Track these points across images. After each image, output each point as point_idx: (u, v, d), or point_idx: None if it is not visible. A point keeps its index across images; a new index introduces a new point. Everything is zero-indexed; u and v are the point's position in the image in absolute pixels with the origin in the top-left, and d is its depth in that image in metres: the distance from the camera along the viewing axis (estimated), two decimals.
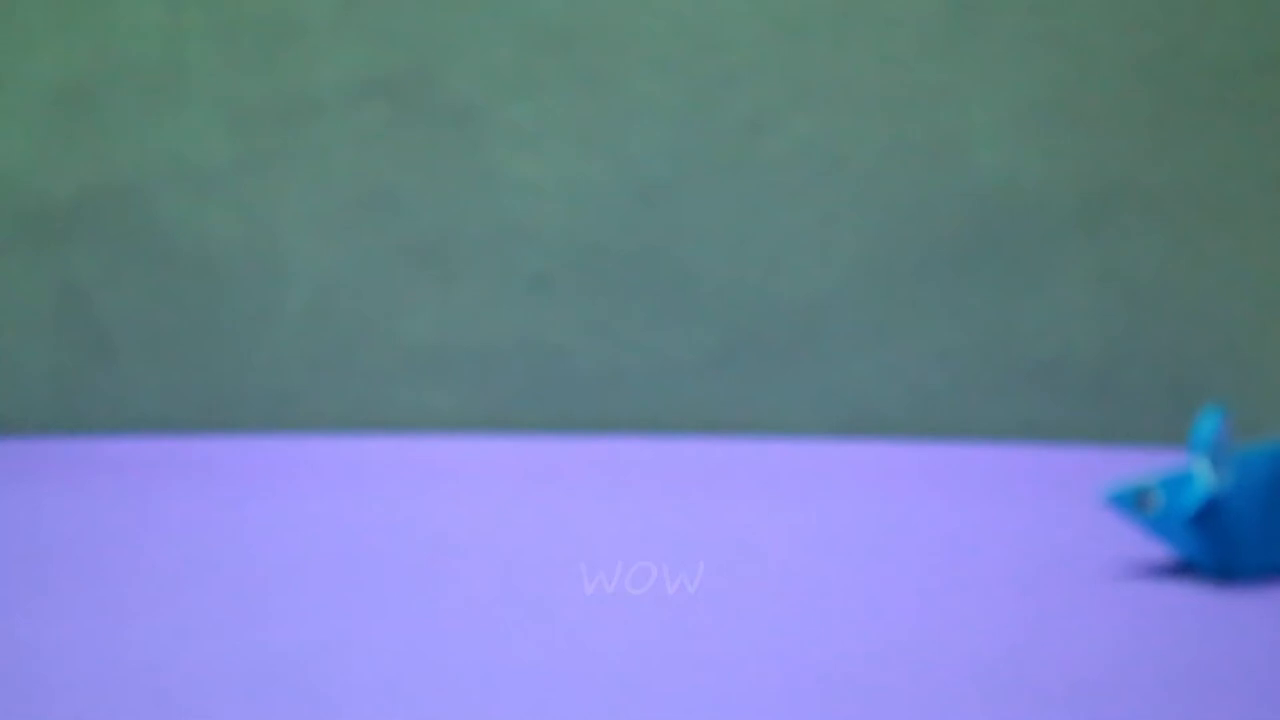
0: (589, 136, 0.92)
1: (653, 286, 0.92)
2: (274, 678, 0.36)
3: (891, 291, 0.91)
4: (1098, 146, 0.89)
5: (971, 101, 0.90)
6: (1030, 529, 0.57)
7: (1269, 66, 0.88)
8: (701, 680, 0.36)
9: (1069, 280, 0.89)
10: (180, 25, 0.94)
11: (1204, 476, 0.49)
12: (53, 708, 0.33)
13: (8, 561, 0.49)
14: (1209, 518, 0.48)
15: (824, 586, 0.46)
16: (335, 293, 0.94)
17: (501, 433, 0.93)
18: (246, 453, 0.82)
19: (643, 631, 0.40)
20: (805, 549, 0.52)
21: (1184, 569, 0.49)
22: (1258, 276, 0.89)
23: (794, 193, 0.91)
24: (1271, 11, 0.88)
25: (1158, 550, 0.53)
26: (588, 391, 0.93)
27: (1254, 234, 0.89)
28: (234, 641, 0.39)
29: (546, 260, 0.93)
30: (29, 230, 0.95)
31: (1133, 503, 0.50)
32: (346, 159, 0.93)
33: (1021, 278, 0.90)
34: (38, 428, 0.95)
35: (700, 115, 0.91)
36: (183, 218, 0.94)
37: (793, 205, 0.91)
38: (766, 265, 0.91)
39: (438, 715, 0.33)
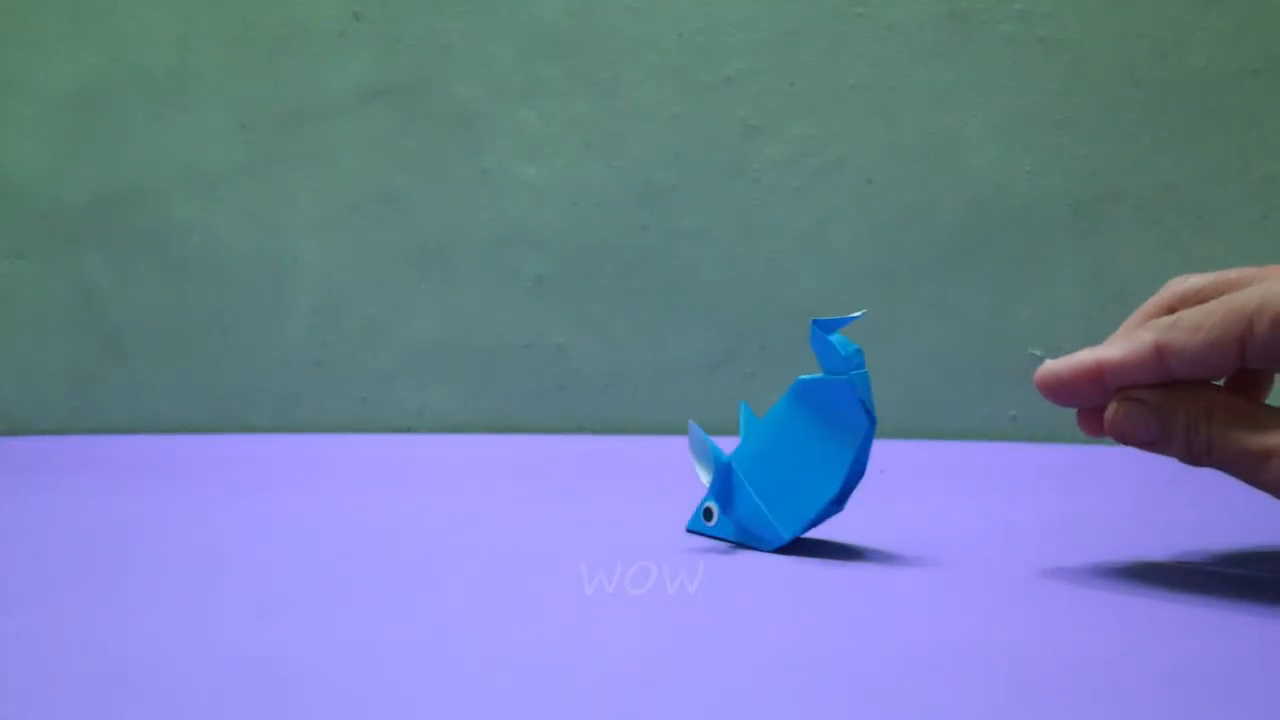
0: (590, 140, 0.91)
1: (653, 288, 0.91)
2: (275, 672, 0.34)
3: (887, 292, 0.90)
4: (1088, 151, 0.88)
5: (965, 107, 0.89)
6: (1025, 527, 0.56)
7: (1253, 75, 0.87)
8: (701, 680, 0.34)
9: (1060, 281, 0.88)
10: (190, 34, 0.93)
11: (703, 475, 0.50)
12: (65, 698, 0.32)
13: (23, 557, 0.48)
14: (731, 506, 0.50)
15: (823, 586, 0.45)
16: (341, 294, 0.93)
17: (502, 432, 0.92)
18: (254, 451, 0.81)
19: (643, 631, 0.39)
20: (804, 547, 0.50)
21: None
22: None
23: (791, 196, 0.90)
24: (1256, 22, 0.87)
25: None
26: (588, 391, 0.92)
27: (1239, 236, 0.88)
28: (237, 638, 0.37)
29: (548, 262, 0.92)
30: (43, 235, 0.94)
31: (701, 522, 0.52)
32: (352, 163, 0.92)
33: (1014, 279, 0.88)
34: (52, 427, 0.94)
35: (699, 120, 0.90)
36: (193, 222, 0.93)
37: (790, 208, 0.90)
38: (765, 267, 0.90)
39: (435, 714, 0.31)
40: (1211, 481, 0.64)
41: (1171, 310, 0.46)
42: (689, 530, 0.52)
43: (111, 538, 0.51)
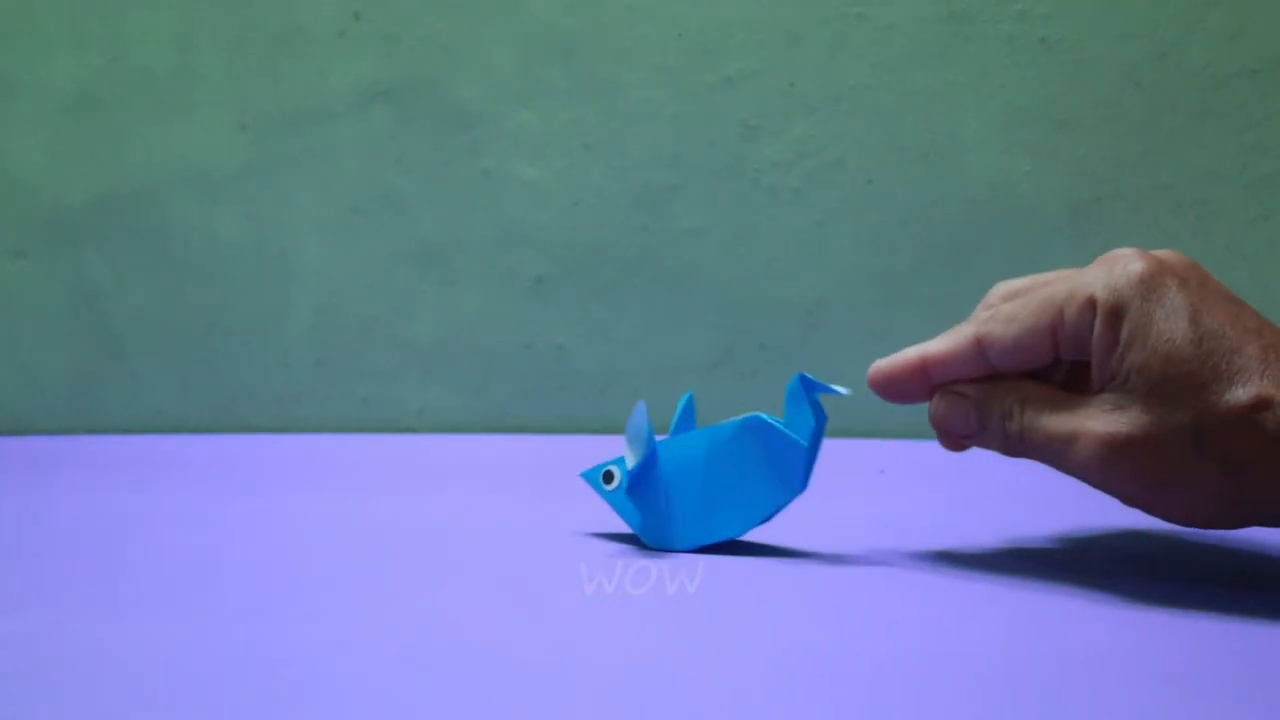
0: (590, 142, 0.91)
1: (652, 288, 0.91)
2: (274, 672, 0.34)
3: (887, 293, 0.90)
4: (1087, 152, 0.88)
5: (964, 108, 0.89)
6: (1027, 527, 0.56)
7: (1252, 75, 0.87)
8: (701, 680, 0.34)
9: None
10: (190, 35, 0.93)
11: (629, 457, 0.50)
12: (65, 698, 0.31)
13: (23, 557, 0.48)
14: (639, 492, 0.50)
15: (823, 586, 0.44)
16: (341, 295, 0.93)
17: (502, 432, 0.92)
18: (254, 451, 0.81)
19: (643, 631, 0.38)
20: (804, 547, 0.50)
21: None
22: (1241, 277, 0.88)
23: (791, 196, 0.90)
24: (1254, 22, 0.87)
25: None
26: (588, 391, 0.92)
27: (1238, 236, 0.88)
28: (237, 638, 0.37)
29: (548, 262, 0.92)
30: (45, 235, 0.94)
31: (598, 480, 0.52)
32: (353, 164, 0.92)
33: (1013, 279, 0.88)
34: (52, 427, 0.94)
35: (699, 120, 0.90)
36: (193, 222, 0.93)
37: (789, 209, 0.90)
38: (764, 268, 0.90)
39: (435, 714, 0.31)
40: None
41: None
42: (581, 476, 0.52)
43: (111, 538, 0.51)
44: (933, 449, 0.79)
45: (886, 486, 0.65)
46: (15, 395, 0.94)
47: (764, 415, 0.48)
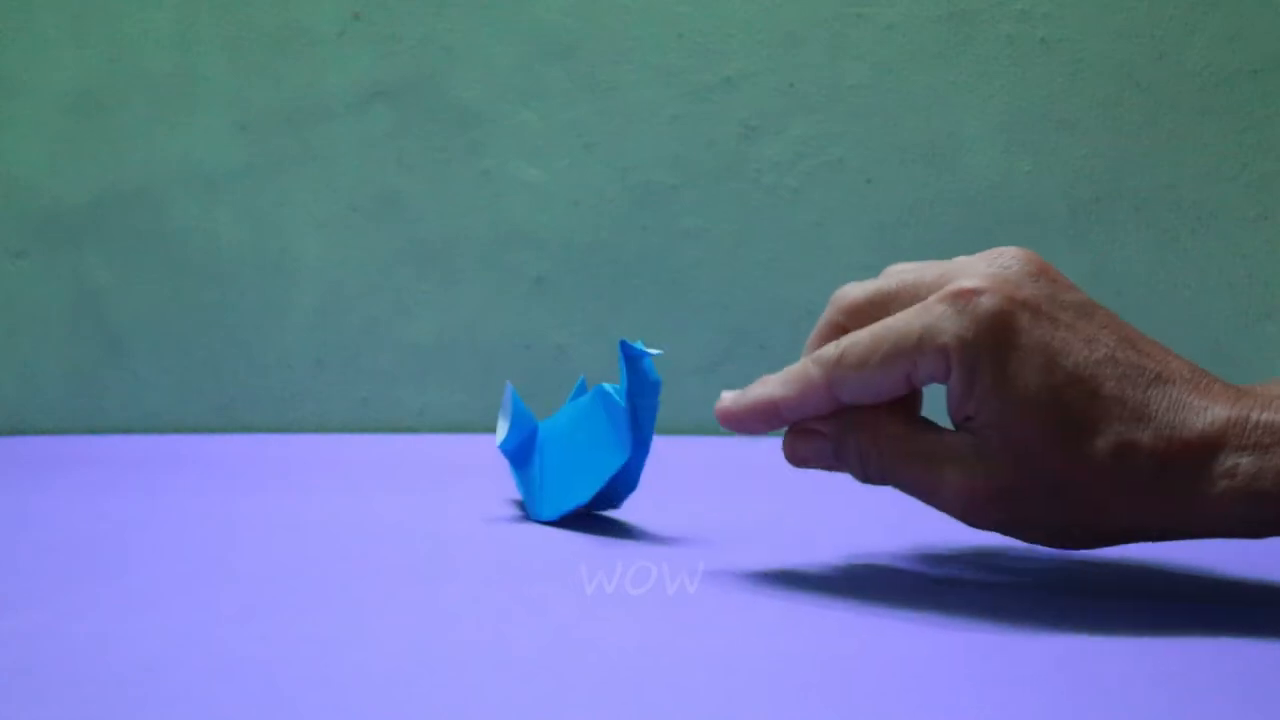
0: (590, 141, 0.91)
1: (653, 288, 0.91)
2: (274, 672, 0.34)
3: None
4: (1087, 151, 0.88)
5: (965, 107, 0.89)
6: None
7: (1252, 75, 0.87)
8: (701, 681, 0.34)
9: None
10: (191, 35, 0.93)
11: (500, 433, 0.54)
12: (65, 698, 0.31)
13: (23, 557, 0.48)
14: (518, 459, 0.54)
15: (824, 587, 0.44)
16: (341, 295, 0.93)
17: None
18: (254, 451, 0.81)
19: (643, 631, 0.38)
20: (806, 548, 0.50)
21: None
22: (1240, 276, 0.88)
23: (791, 196, 0.90)
24: (1255, 22, 0.87)
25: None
26: None
27: (1238, 236, 0.88)
28: (236, 638, 0.37)
29: (548, 262, 0.92)
30: (45, 235, 0.94)
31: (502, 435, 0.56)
32: (353, 164, 0.92)
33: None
34: (52, 427, 0.94)
35: (699, 120, 0.90)
36: (193, 222, 0.93)
37: (790, 208, 0.90)
38: (765, 267, 0.90)
39: (434, 714, 0.31)
40: None
41: (842, 330, 0.46)
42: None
43: (111, 538, 0.51)
44: None
45: (887, 488, 0.65)
46: (15, 395, 0.94)
47: (608, 386, 0.51)
